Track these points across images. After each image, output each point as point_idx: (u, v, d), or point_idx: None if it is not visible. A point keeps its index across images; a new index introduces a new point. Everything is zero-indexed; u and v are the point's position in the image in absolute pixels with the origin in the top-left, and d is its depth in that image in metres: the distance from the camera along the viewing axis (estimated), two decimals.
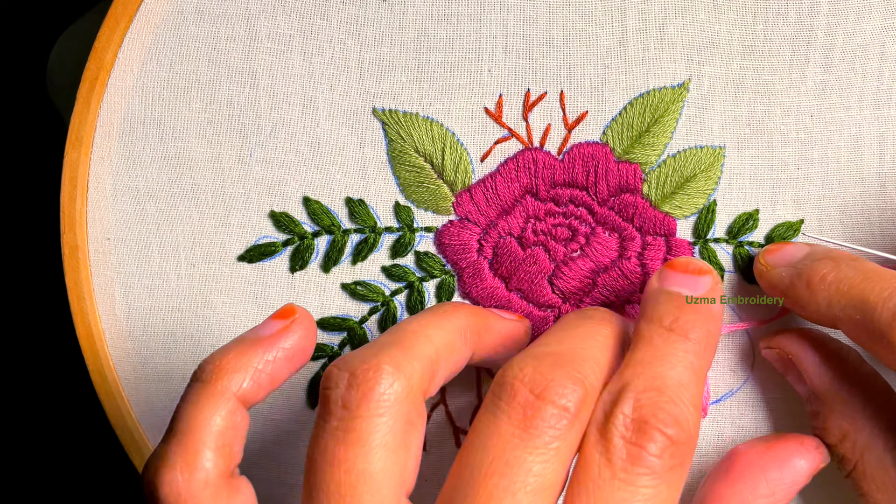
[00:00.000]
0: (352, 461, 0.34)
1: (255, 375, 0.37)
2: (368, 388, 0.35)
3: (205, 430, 0.36)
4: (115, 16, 0.43)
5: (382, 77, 0.43)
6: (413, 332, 0.38)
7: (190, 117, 0.44)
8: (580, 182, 0.44)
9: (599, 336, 0.38)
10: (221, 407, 0.36)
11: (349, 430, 0.35)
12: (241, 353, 0.37)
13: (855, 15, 0.42)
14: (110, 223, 0.45)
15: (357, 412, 0.35)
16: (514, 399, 0.35)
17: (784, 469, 0.41)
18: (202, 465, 0.35)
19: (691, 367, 0.37)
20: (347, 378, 0.35)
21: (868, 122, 0.42)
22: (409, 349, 0.37)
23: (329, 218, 0.44)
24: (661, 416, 0.34)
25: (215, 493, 0.35)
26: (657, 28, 0.42)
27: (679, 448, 0.34)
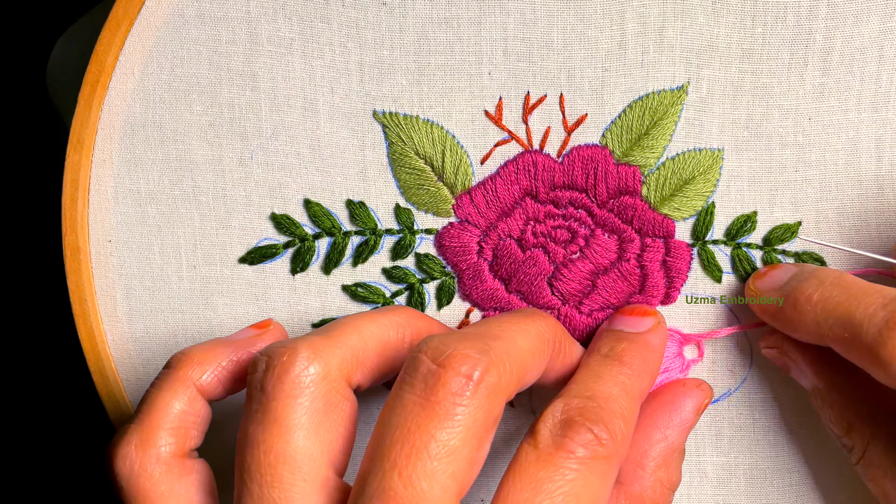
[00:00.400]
0: (270, 442, 0.36)
1: (218, 371, 0.40)
2: (283, 371, 0.36)
3: (163, 413, 0.39)
4: (116, 19, 0.43)
5: (383, 80, 0.43)
6: (342, 323, 0.39)
7: (191, 120, 0.44)
8: (580, 184, 0.44)
9: (528, 328, 0.39)
10: (181, 393, 0.39)
11: (266, 411, 0.36)
12: (210, 349, 0.40)
13: (853, 18, 0.42)
14: (112, 225, 0.45)
15: (272, 394, 0.36)
16: (416, 370, 0.35)
17: (672, 413, 0.42)
18: (156, 443, 0.38)
19: (622, 386, 0.39)
20: (266, 362, 0.37)
21: (866, 124, 0.43)
22: (332, 337, 0.38)
23: (330, 220, 0.45)
24: (588, 415, 0.36)
25: (167, 470, 0.38)
26: (656, 31, 0.42)
27: (604, 444, 0.36)
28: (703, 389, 0.43)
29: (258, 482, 0.35)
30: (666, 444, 0.42)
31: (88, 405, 0.49)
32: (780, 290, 0.42)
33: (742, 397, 0.45)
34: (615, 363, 0.40)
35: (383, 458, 0.34)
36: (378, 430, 0.35)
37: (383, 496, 0.33)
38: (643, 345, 0.42)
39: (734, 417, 0.45)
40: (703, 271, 0.44)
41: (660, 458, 0.42)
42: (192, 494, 0.38)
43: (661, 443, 0.42)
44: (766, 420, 0.45)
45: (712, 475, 0.46)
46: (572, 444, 0.35)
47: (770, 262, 0.44)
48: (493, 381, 0.35)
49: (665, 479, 0.41)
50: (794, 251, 0.44)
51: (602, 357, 0.41)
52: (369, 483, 0.34)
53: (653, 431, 0.42)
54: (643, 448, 0.41)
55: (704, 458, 0.46)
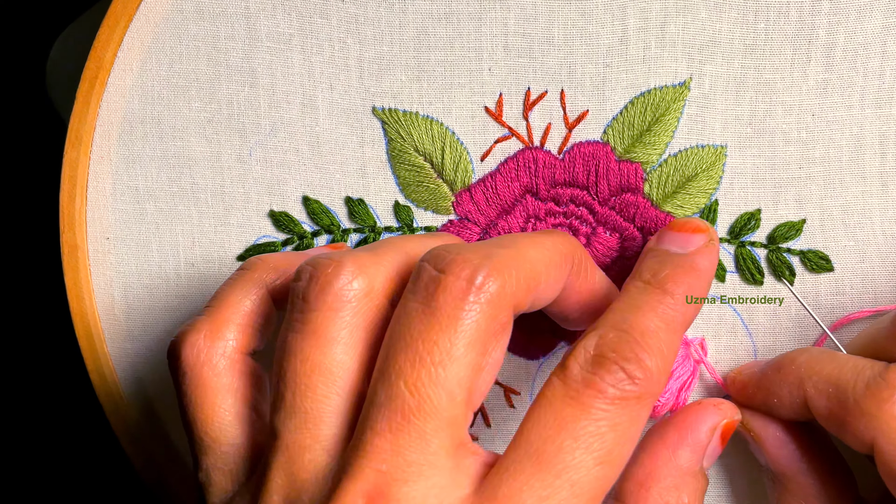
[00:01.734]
0: (307, 352, 0.35)
1: (289, 277, 0.39)
2: (326, 282, 0.36)
3: (234, 308, 0.39)
4: (115, 15, 0.43)
5: (382, 76, 0.43)
6: (391, 242, 0.38)
7: (190, 116, 0.44)
8: (581, 181, 0.44)
9: (542, 241, 0.37)
10: (253, 293, 0.40)
11: (306, 322, 0.35)
12: (285, 257, 0.41)
13: (856, 13, 0.41)
14: (110, 222, 0.45)
15: (314, 305, 0.36)
16: (419, 278, 0.35)
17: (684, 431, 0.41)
18: (224, 335, 0.39)
19: (663, 316, 0.37)
20: (310, 272, 0.36)
21: (870, 120, 0.42)
22: (378, 254, 0.37)
23: (328, 217, 0.44)
24: (622, 351, 0.34)
25: (231, 364, 0.38)
26: (658, 26, 0.42)
27: (636, 383, 0.34)
28: (722, 409, 0.41)
29: (292, 390, 0.35)
30: (675, 465, 0.40)
31: (85, 403, 0.49)
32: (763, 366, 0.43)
33: None
34: (657, 291, 0.38)
35: (389, 367, 0.34)
36: (385, 340, 0.35)
37: (391, 404, 0.33)
38: (689, 269, 0.39)
39: None
40: None
41: (667, 481, 0.40)
42: (249, 393, 0.38)
43: (670, 463, 0.40)
44: None
45: (714, 475, 0.45)
46: (602, 384, 0.34)
47: (775, 262, 0.43)
48: (496, 287, 0.34)
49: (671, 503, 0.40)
50: (799, 249, 0.43)
51: (644, 284, 0.38)
52: (377, 393, 0.33)
53: (661, 449, 0.40)
54: (649, 467, 0.40)
55: None
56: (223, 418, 0.38)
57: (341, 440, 0.35)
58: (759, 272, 0.44)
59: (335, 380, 0.35)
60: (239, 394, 0.38)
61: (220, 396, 0.38)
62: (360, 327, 0.36)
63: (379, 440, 0.33)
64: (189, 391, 0.38)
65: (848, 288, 0.43)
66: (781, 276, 0.43)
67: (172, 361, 0.39)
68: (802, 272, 0.43)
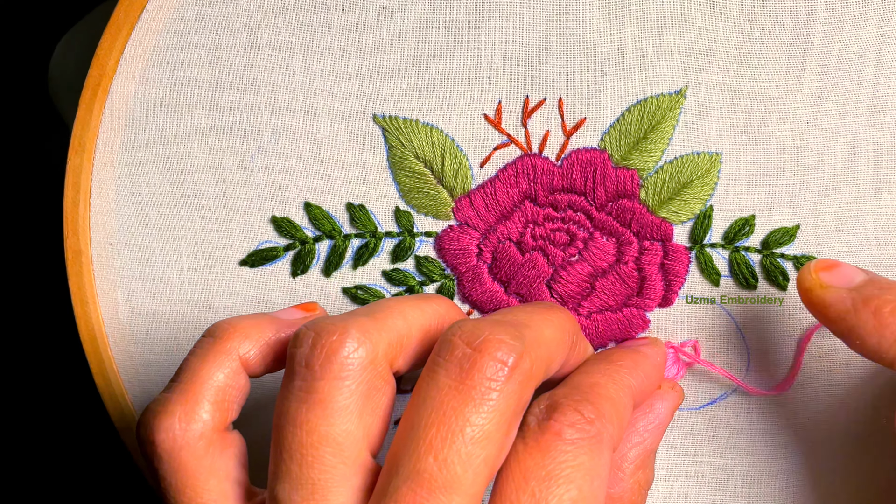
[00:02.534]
0: (314, 423, 0.35)
1: (263, 347, 0.39)
2: (332, 351, 0.35)
3: (207, 384, 0.38)
4: (117, 23, 0.43)
5: (383, 84, 0.44)
6: (388, 306, 0.38)
7: (192, 123, 0.44)
8: (578, 188, 0.44)
9: (553, 319, 0.39)
10: (226, 365, 0.38)
11: (311, 391, 0.35)
12: (256, 323, 0.39)
13: (851, 22, 0.42)
14: (113, 228, 0.45)
15: (320, 374, 0.35)
16: (451, 353, 0.35)
17: (648, 415, 0.42)
18: (200, 416, 0.37)
19: (610, 376, 0.39)
20: (312, 338, 0.36)
21: (864, 128, 0.43)
22: (379, 320, 0.37)
23: (330, 223, 0.45)
24: (573, 397, 0.36)
25: (208, 444, 0.37)
26: (655, 35, 0.42)
27: (591, 423, 0.35)
28: (677, 390, 0.43)
29: (298, 462, 0.35)
30: (643, 446, 0.42)
31: (90, 406, 0.50)
32: (854, 291, 0.39)
33: (739, 399, 0.46)
34: (604, 362, 0.40)
35: (418, 439, 0.34)
36: (411, 411, 0.35)
37: (418, 478, 0.33)
38: (636, 350, 0.42)
39: (731, 419, 0.46)
40: (700, 274, 0.45)
41: (638, 461, 0.42)
42: (231, 469, 0.38)
43: (640, 445, 0.42)
44: (762, 422, 0.46)
45: (709, 475, 0.46)
46: (557, 426, 0.35)
47: (769, 267, 0.44)
48: (526, 368, 0.35)
49: (642, 480, 0.41)
50: (793, 254, 0.44)
51: (593, 359, 0.41)
52: (402, 465, 0.34)
53: (631, 435, 0.42)
54: (622, 451, 0.41)
55: (701, 459, 0.46)
56: (208, 500, 0.37)
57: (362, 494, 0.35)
58: (753, 277, 0.44)
59: (343, 450, 0.35)
60: (221, 473, 0.38)
61: (202, 479, 0.37)
62: (364, 395, 0.36)
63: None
64: (168, 476, 0.37)
65: None
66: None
67: (146, 446, 0.37)
68: (796, 277, 0.44)
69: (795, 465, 0.46)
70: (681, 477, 0.46)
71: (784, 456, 0.46)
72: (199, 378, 0.38)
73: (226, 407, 0.38)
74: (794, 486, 0.46)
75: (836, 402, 0.45)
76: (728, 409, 0.46)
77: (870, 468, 0.45)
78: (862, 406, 0.45)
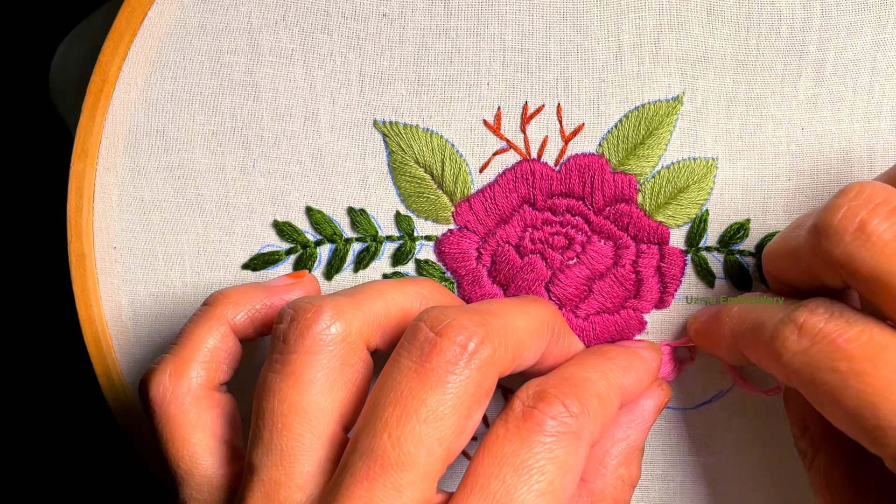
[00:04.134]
0: (284, 392, 0.37)
1: (252, 312, 0.42)
2: (306, 326, 0.38)
3: (197, 346, 0.41)
4: (119, 29, 0.44)
5: (383, 90, 0.44)
6: (370, 287, 0.41)
7: (194, 129, 0.45)
8: (576, 192, 0.45)
9: (528, 310, 0.40)
10: (216, 329, 0.42)
11: (285, 363, 0.38)
12: (245, 291, 0.43)
13: (846, 30, 0.42)
14: (116, 232, 0.46)
15: (293, 347, 0.38)
16: (415, 337, 0.37)
17: (634, 412, 0.43)
18: (188, 374, 0.41)
19: (602, 373, 0.40)
20: (291, 315, 0.38)
21: (858, 134, 0.43)
22: (357, 299, 0.39)
23: (331, 227, 0.45)
24: (561, 389, 0.37)
25: (196, 399, 0.41)
26: (652, 42, 0.43)
27: (574, 417, 0.36)
28: (663, 389, 0.44)
29: (269, 428, 0.37)
30: (627, 442, 0.43)
31: (95, 407, 0.50)
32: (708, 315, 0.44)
33: (734, 398, 0.46)
34: (599, 357, 0.41)
35: (375, 418, 0.36)
36: (374, 391, 0.37)
37: (372, 455, 0.35)
38: (631, 351, 0.43)
39: (726, 419, 0.46)
40: (696, 277, 0.45)
41: (621, 457, 0.42)
42: (216, 425, 0.41)
43: (623, 441, 0.43)
44: (757, 421, 0.46)
45: (705, 474, 0.47)
46: (540, 416, 0.36)
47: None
48: (486, 354, 0.36)
49: (626, 477, 0.42)
50: None
51: (589, 351, 0.42)
52: (360, 441, 0.36)
53: (615, 431, 0.43)
54: (605, 447, 0.42)
55: (697, 458, 0.47)
56: (193, 451, 0.40)
57: (315, 479, 0.37)
58: (748, 279, 0.45)
59: (310, 420, 0.37)
60: (207, 428, 0.41)
61: (188, 430, 0.40)
62: (336, 370, 0.38)
63: (355, 487, 0.35)
64: (160, 428, 0.40)
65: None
66: None
67: (143, 401, 0.41)
68: None
69: (790, 463, 0.47)
70: (676, 476, 0.47)
71: (779, 454, 0.46)
72: (191, 340, 0.41)
73: (214, 367, 0.42)
74: (788, 483, 0.47)
75: None
76: (723, 409, 0.47)
77: None
78: None
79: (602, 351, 0.42)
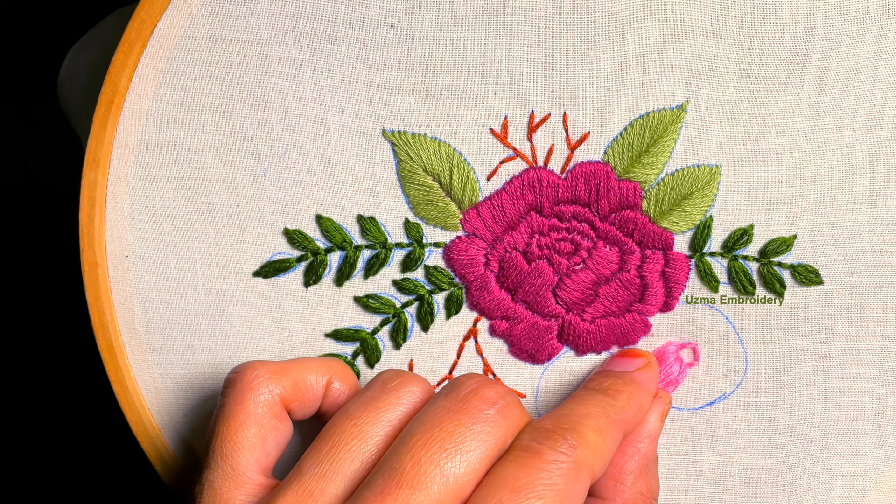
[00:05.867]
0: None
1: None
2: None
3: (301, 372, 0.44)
4: (129, 41, 0.44)
5: (391, 99, 0.45)
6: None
7: (204, 139, 0.45)
8: (582, 199, 0.45)
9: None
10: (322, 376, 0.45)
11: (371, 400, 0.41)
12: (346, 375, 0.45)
13: (849, 39, 0.43)
14: (128, 241, 0.46)
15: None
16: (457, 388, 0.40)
17: (640, 426, 0.45)
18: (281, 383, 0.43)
19: (602, 408, 0.41)
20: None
21: (860, 142, 0.44)
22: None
23: (341, 234, 0.46)
24: (562, 424, 0.39)
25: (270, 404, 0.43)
26: (656, 52, 0.43)
27: (574, 449, 0.38)
28: (662, 397, 0.45)
29: (332, 443, 0.39)
30: (639, 456, 0.44)
31: (109, 413, 0.51)
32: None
33: (737, 400, 0.47)
34: (598, 394, 0.43)
35: (402, 444, 0.38)
36: (405, 430, 0.39)
37: (392, 472, 0.37)
38: (629, 380, 0.44)
39: (729, 420, 0.47)
40: (700, 281, 0.46)
41: (636, 472, 0.44)
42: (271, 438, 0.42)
43: (635, 456, 0.44)
44: (760, 423, 0.47)
45: (708, 474, 0.48)
46: (539, 447, 0.38)
47: (766, 274, 0.45)
48: (515, 413, 0.39)
49: (645, 490, 0.44)
50: (790, 263, 0.45)
51: (587, 389, 0.44)
52: (385, 462, 0.37)
53: (626, 447, 0.44)
54: (620, 464, 0.44)
55: (701, 458, 0.48)
56: (241, 441, 0.41)
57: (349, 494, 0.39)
58: (751, 284, 0.46)
59: (369, 447, 0.39)
60: (262, 432, 0.42)
61: (250, 422, 0.42)
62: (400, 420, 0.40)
63: (371, 498, 0.36)
64: (226, 405, 0.42)
65: (836, 300, 0.45)
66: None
67: (231, 374, 0.43)
68: (793, 285, 0.45)
69: (791, 465, 0.47)
70: (681, 475, 0.48)
71: (781, 455, 0.47)
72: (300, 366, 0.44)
73: (300, 395, 0.43)
74: (790, 483, 0.48)
75: (832, 405, 0.47)
76: (727, 410, 0.47)
77: (866, 467, 0.47)
78: (859, 407, 0.46)
79: (603, 388, 0.43)
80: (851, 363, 0.46)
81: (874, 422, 0.46)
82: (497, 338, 0.47)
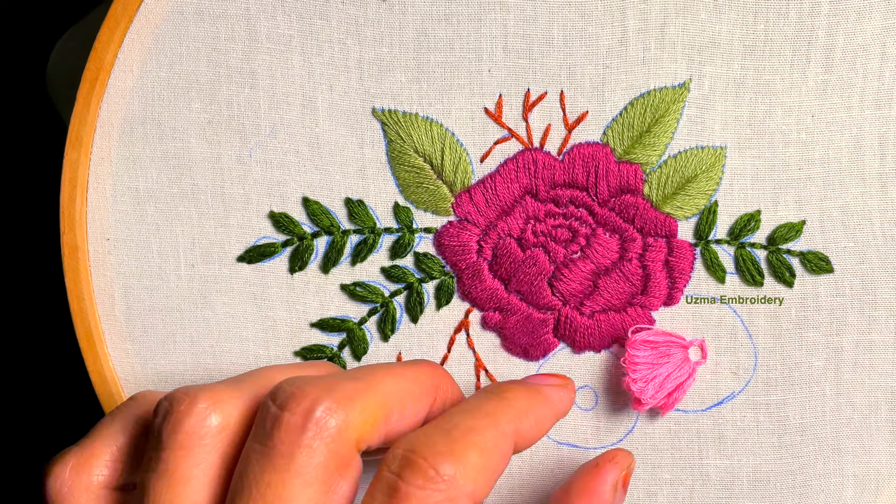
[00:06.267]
0: (158, 492, 0.35)
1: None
2: (177, 420, 0.35)
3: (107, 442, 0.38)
4: (115, 16, 0.43)
5: (382, 77, 0.43)
6: (257, 372, 0.38)
7: (190, 118, 0.44)
8: (580, 183, 0.44)
9: (402, 372, 0.37)
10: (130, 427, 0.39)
11: (159, 460, 0.35)
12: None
13: (856, 15, 0.41)
14: (110, 223, 0.45)
15: (166, 443, 0.35)
16: (261, 416, 0.34)
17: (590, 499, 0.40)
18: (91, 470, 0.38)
19: (492, 418, 0.36)
20: (165, 408, 0.35)
21: (869, 122, 0.42)
22: (238, 387, 0.36)
23: (328, 218, 0.44)
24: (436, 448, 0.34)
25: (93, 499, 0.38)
26: (658, 28, 0.42)
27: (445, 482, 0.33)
28: (618, 461, 0.41)
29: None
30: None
31: (86, 405, 0.49)
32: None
33: (746, 400, 0.45)
34: (493, 399, 0.38)
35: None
36: (231, 483, 0.35)
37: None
38: (535, 391, 0.39)
39: (737, 420, 0.45)
40: (706, 271, 0.44)
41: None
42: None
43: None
44: (769, 423, 0.45)
45: (715, 478, 0.45)
46: (407, 489, 0.33)
47: (775, 263, 0.43)
48: (336, 422, 0.34)
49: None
50: (799, 250, 0.43)
51: (484, 392, 0.39)
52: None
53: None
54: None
55: (707, 461, 0.45)
56: None
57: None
58: (760, 273, 0.44)
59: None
60: None
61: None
62: (214, 465, 0.35)
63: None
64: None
65: (847, 289, 0.43)
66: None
67: (43, 489, 0.38)
68: (802, 273, 0.43)
69: (802, 466, 0.45)
70: (686, 481, 0.45)
71: (791, 456, 0.45)
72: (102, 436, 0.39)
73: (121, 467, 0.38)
74: (800, 486, 0.45)
75: (844, 402, 0.44)
76: (734, 411, 0.45)
77: (879, 466, 0.44)
78: (872, 403, 0.44)
79: (500, 391, 0.38)
80: (864, 356, 0.43)
81: (887, 418, 0.44)
82: (489, 330, 0.45)
